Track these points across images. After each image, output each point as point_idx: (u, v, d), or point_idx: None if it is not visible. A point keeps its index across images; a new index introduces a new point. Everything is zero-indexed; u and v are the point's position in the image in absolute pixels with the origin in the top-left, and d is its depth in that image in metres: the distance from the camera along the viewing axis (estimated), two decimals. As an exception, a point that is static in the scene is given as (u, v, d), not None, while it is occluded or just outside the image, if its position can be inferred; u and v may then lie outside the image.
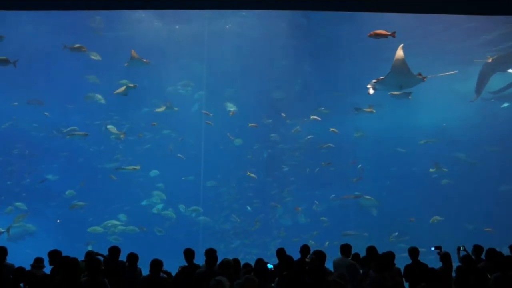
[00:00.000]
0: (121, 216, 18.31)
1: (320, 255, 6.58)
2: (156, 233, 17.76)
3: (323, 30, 19.23)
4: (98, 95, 18.24)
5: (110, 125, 17.86)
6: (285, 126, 20.40)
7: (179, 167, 19.40)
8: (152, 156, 19.40)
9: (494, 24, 17.61)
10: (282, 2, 10.10)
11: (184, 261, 7.11)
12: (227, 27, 19.22)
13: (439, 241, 7.92)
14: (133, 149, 19.77)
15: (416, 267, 7.06)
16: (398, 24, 17.76)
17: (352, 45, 18.45)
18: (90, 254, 7.30)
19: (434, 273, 6.51)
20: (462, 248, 7.41)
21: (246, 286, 5.39)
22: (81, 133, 16.73)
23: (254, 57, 19.27)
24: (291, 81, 20.57)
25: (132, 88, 15.57)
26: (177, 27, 19.43)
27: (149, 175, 18.85)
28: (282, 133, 20.70)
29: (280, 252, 7.29)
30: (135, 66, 15.87)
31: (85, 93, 18.26)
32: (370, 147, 19.80)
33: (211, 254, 6.83)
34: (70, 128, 17.39)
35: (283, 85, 20.58)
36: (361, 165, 19.10)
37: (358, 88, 16.13)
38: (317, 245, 14.47)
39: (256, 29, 18.88)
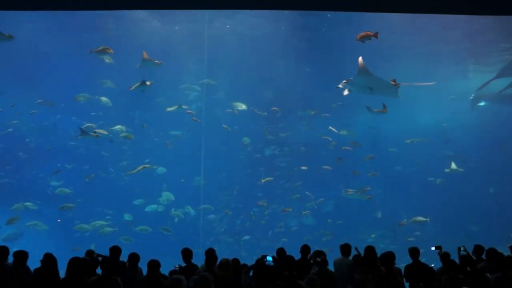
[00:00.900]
0: (126, 216, 18.26)
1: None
2: (164, 233, 17.68)
3: (323, 30, 19.24)
4: (105, 98, 18.17)
5: (119, 126, 17.63)
6: (285, 127, 20.39)
7: (180, 167, 19.37)
8: (155, 156, 19.30)
9: (494, 24, 17.63)
10: (282, 2, 10.10)
11: (181, 260, 7.14)
12: (227, 27, 19.22)
13: (441, 242, 7.91)
14: (138, 149, 19.66)
15: (417, 267, 7.05)
16: (398, 25, 17.92)
17: (352, 45, 18.39)
18: (91, 254, 7.31)
19: (433, 273, 6.52)
20: (463, 249, 7.41)
21: (200, 283, 5.49)
22: (93, 134, 16.70)
23: (254, 57, 19.27)
24: (291, 81, 20.55)
25: (148, 86, 15.43)
26: (177, 28, 19.44)
27: (157, 172, 18.71)
28: (283, 133, 20.67)
29: (280, 252, 7.30)
30: (147, 67, 15.71)
31: (86, 94, 18.18)
32: (373, 147, 19.73)
33: (211, 254, 6.84)
34: (87, 125, 17.28)
35: (283, 85, 20.56)
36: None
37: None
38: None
39: (256, 29, 18.88)
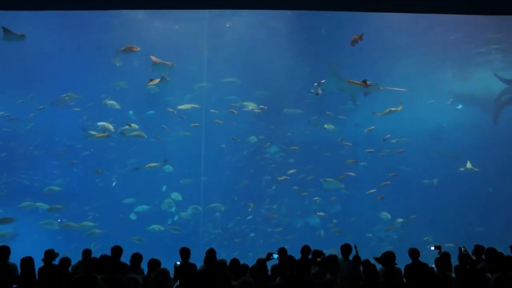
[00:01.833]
0: (131, 216, 18.21)
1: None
2: (174, 233, 17.67)
3: (323, 31, 19.24)
4: (112, 101, 18.10)
5: (133, 124, 17.39)
6: (286, 125, 20.37)
7: (180, 167, 19.33)
8: (154, 156, 19.26)
9: (494, 25, 17.64)
10: (282, 2, 10.12)
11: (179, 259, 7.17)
12: (227, 25, 19.21)
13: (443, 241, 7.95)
14: (137, 149, 19.63)
15: (417, 267, 7.05)
16: (398, 25, 17.94)
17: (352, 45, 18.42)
18: (88, 254, 7.32)
19: (432, 273, 6.54)
20: (463, 249, 7.41)
21: (157, 277, 5.79)
22: (104, 134, 16.66)
23: (254, 57, 19.26)
24: (291, 81, 20.53)
25: (168, 82, 15.37)
26: (177, 27, 19.44)
27: (164, 170, 18.65)
28: (284, 132, 20.66)
29: (282, 252, 7.31)
30: (159, 71, 15.63)
31: (88, 94, 18.13)
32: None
33: (210, 255, 6.86)
34: (102, 124, 17.16)
35: (283, 85, 20.53)
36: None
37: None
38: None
39: (256, 29, 18.88)
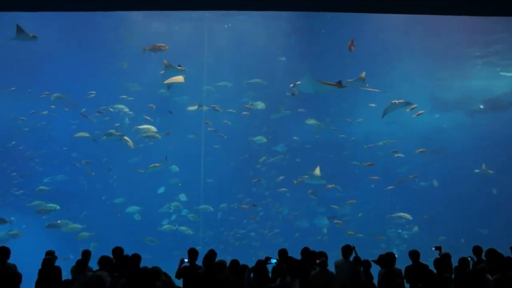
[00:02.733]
0: (136, 216, 18.23)
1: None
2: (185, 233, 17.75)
3: (323, 31, 19.25)
4: (120, 105, 18.11)
5: (146, 125, 17.33)
6: (286, 126, 20.36)
7: (180, 168, 19.32)
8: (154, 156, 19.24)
9: (494, 26, 17.66)
10: (282, 3, 10.11)
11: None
12: (226, 26, 19.23)
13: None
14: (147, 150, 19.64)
15: (417, 269, 7.06)
16: (398, 25, 17.96)
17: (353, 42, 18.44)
18: (87, 254, 7.32)
19: (432, 274, 6.55)
20: (470, 258, 7.42)
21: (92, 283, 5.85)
22: (118, 134, 16.62)
23: (254, 57, 19.27)
24: (291, 81, 20.48)
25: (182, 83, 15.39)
26: (177, 28, 19.45)
27: (170, 170, 18.59)
28: (284, 133, 20.64)
29: (282, 253, 7.32)
30: (171, 74, 15.52)
31: (59, 93, 18.05)
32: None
33: (209, 255, 6.88)
34: (144, 127, 17.23)
35: (283, 85, 20.52)
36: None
37: (357, 89, 16.11)
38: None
39: (256, 30, 18.90)
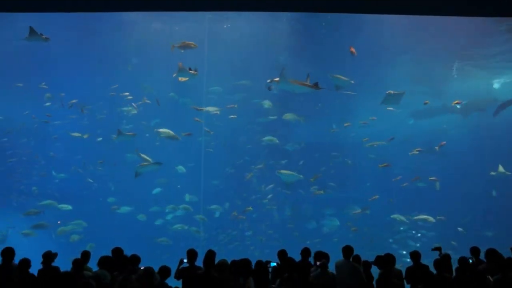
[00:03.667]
0: (140, 217, 18.25)
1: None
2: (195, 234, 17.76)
3: (323, 32, 19.26)
4: (129, 108, 18.04)
5: (164, 129, 17.17)
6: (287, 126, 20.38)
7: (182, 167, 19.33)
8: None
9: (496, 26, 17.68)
10: (282, 4, 10.11)
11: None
12: (224, 27, 19.24)
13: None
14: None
15: (417, 269, 7.07)
16: (397, 25, 17.97)
17: (352, 46, 18.47)
18: (86, 255, 7.35)
19: (431, 275, 6.55)
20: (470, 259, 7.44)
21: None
22: (130, 133, 16.63)
23: (254, 57, 19.28)
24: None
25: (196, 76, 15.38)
26: (177, 28, 19.46)
27: (176, 171, 18.72)
28: (287, 133, 20.66)
29: (282, 254, 7.33)
30: (183, 77, 15.56)
31: (89, 94, 18.11)
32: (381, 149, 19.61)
33: (209, 256, 6.88)
34: (163, 131, 17.16)
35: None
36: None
37: (358, 89, 16.14)
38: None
39: (256, 30, 18.91)
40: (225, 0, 10.22)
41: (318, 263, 6.98)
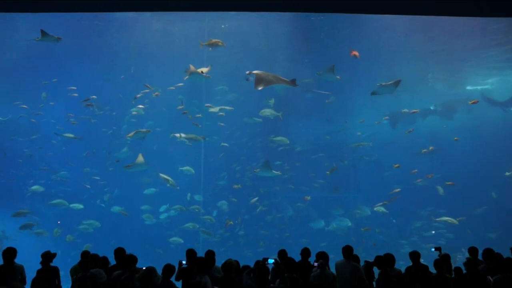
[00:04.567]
0: (145, 217, 18.21)
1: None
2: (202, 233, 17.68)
3: (323, 32, 19.26)
4: (137, 109, 18.02)
5: (182, 133, 17.16)
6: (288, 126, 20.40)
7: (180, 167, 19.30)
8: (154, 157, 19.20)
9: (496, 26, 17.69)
10: (282, 4, 10.11)
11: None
12: (223, 27, 19.24)
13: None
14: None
15: (416, 270, 7.06)
16: (397, 26, 17.97)
17: (353, 46, 18.47)
18: (86, 255, 7.33)
19: (429, 275, 6.55)
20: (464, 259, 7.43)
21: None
22: (144, 130, 16.53)
23: (254, 57, 19.28)
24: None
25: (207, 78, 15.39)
26: (177, 28, 19.46)
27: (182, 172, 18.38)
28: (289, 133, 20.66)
29: (282, 254, 7.32)
30: (195, 80, 15.71)
31: (89, 95, 18.07)
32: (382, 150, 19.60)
33: (208, 256, 6.86)
34: (186, 136, 17.23)
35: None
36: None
37: (358, 89, 16.23)
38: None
39: (257, 30, 18.91)
40: (225, 0, 10.22)
41: (316, 264, 6.98)
